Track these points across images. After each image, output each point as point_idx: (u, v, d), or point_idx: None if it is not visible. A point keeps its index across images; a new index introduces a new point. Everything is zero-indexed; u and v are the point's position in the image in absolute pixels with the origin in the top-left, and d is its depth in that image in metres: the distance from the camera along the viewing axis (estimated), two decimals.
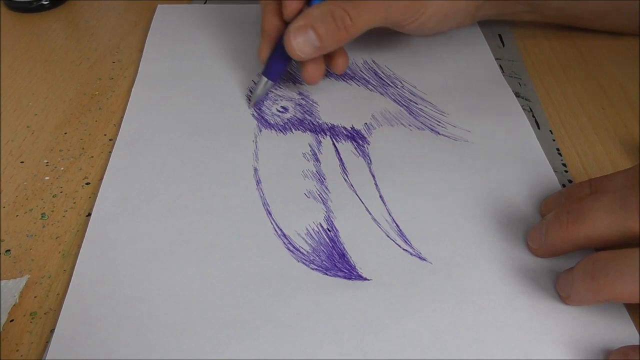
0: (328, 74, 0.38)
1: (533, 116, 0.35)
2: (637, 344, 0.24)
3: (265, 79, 0.35)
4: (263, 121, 0.35)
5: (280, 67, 0.34)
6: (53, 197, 0.30)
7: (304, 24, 0.31)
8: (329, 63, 0.35)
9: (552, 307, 0.25)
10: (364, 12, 0.32)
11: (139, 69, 0.39)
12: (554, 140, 0.34)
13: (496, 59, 0.40)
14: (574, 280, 0.24)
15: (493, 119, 0.35)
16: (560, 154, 0.33)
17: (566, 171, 0.32)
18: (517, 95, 0.37)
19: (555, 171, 0.31)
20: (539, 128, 0.34)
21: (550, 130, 0.34)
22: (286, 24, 0.33)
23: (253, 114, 0.35)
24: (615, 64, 0.40)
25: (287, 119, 0.35)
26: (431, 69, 0.39)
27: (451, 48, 0.41)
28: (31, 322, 0.25)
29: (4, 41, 0.43)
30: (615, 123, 0.35)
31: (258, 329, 0.24)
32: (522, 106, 0.36)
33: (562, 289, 0.25)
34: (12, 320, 0.25)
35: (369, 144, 0.33)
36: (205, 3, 0.47)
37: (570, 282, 0.24)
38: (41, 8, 0.46)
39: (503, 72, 0.39)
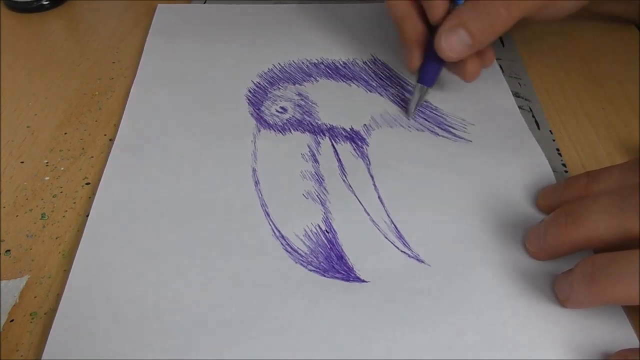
0: (327, 74, 0.38)
1: (533, 116, 0.35)
2: (636, 347, 0.23)
3: (421, 86, 0.34)
4: (262, 121, 0.35)
5: (435, 71, 0.34)
6: (53, 197, 0.30)
7: (455, 22, 0.30)
8: (479, 59, 0.34)
9: (550, 309, 0.25)
10: (517, 1, 0.30)
11: (138, 68, 0.39)
12: (553, 140, 0.34)
13: (496, 59, 0.40)
14: (572, 283, 0.24)
15: (492, 120, 0.35)
16: (560, 154, 0.33)
17: (566, 171, 0.32)
18: (517, 95, 0.37)
19: (555, 171, 0.31)
20: (538, 128, 0.34)
21: (550, 131, 0.34)
22: (430, 27, 0.33)
23: (252, 114, 0.35)
24: (616, 64, 0.39)
25: (286, 120, 0.35)
26: None
27: None
28: (31, 322, 0.25)
29: (4, 41, 0.43)
30: (615, 123, 0.35)
31: (256, 329, 0.24)
32: (522, 106, 0.36)
33: (560, 291, 0.25)
34: (12, 320, 0.25)
35: (368, 145, 0.33)
36: (204, 3, 0.47)
37: (568, 284, 0.24)
38: (41, 8, 0.46)
39: (503, 72, 0.39)
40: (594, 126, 0.35)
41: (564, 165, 0.32)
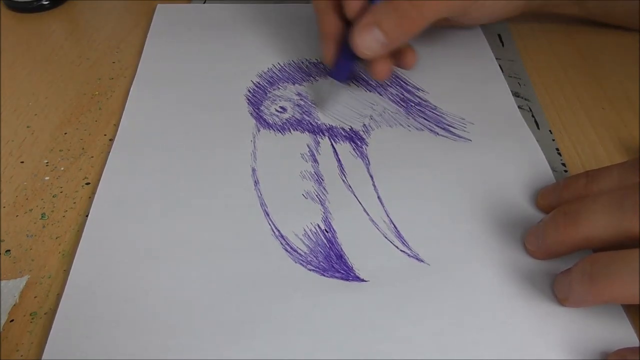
0: (326, 74, 0.38)
1: (532, 116, 0.35)
2: (635, 345, 0.23)
3: (332, 80, 0.34)
4: (261, 121, 0.35)
5: (347, 67, 0.34)
6: (53, 197, 0.30)
7: (369, 21, 0.30)
8: (397, 60, 0.34)
9: (550, 308, 0.25)
10: (430, 2, 0.30)
11: (138, 68, 0.39)
12: (553, 140, 0.34)
13: (496, 59, 0.40)
14: (572, 282, 0.24)
15: (492, 119, 0.35)
16: (559, 154, 0.33)
17: (565, 171, 0.32)
18: (517, 95, 0.37)
19: (554, 171, 0.31)
20: (538, 128, 0.34)
21: (550, 130, 0.34)
22: (347, 23, 0.33)
23: (252, 114, 0.35)
24: (616, 63, 0.39)
25: (286, 119, 0.35)
26: (431, 69, 0.39)
27: (451, 48, 0.41)
28: (31, 322, 0.25)
29: (4, 41, 0.43)
30: (615, 123, 0.35)
31: (255, 329, 0.24)
32: (521, 106, 0.36)
33: (559, 290, 0.25)
34: (12, 320, 0.25)
35: (367, 145, 0.33)
36: (204, 2, 0.47)
37: (568, 283, 0.24)
38: (41, 8, 0.46)
39: (503, 72, 0.39)
40: (594, 126, 0.35)
41: (563, 165, 0.32)
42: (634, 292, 0.21)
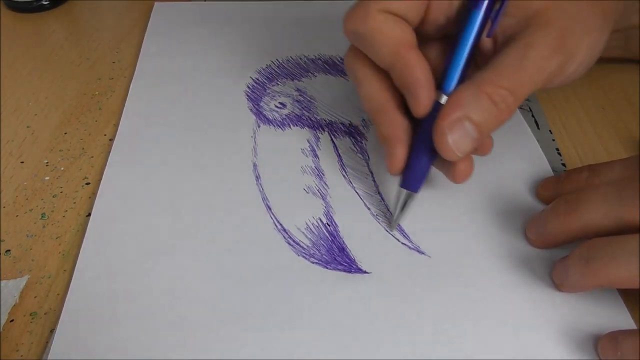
0: (326, 70, 0.39)
1: (532, 116, 0.35)
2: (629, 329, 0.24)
3: (406, 192, 0.27)
4: (261, 117, 0.35)
5: (422, 173, 0.27)
6: (53, 197, 0.30)
7: (458, 116, 0.24)
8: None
9: (549, 297, 0.25)
10: (525, 84, 0.25)
11: (137, 66, 0.39)
12: (553, 140, 0.34)
13: None
14: (569, 266, 0.24)
15: None
16: (559, 153, 0.33)
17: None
18: None
19: (554, 171, 0.31)
20: (538, 128, 0.35)
21: (550, 130, 0.34)
22: (413, 120, 0.27)
23: (251, 110, 0.35)
24: (616, 63, 0.39)
25: (286, 115, 0.35)
26: None
27: None
28: (31, 322, 0.25)
29: (4, 41, 0.43)
30: (615, 123, 0.35)
31: (259, 322, 0.24)
32: (521, 106, 0.36)
33: (557, 276, 0.25)
34: (12, 320, 0.25)
35: (366, 140, 0.33)
36: (203, 0, 0.47)
37: (565, 268, 0.24)
38: (41, 8, 0.46)
39: None
40: (594, 126, 0.35)
41: (563, 165, 0.32)
42: (629, 275, 0.22)
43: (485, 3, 0.25)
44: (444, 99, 0.26)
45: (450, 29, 0.27)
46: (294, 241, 0.28)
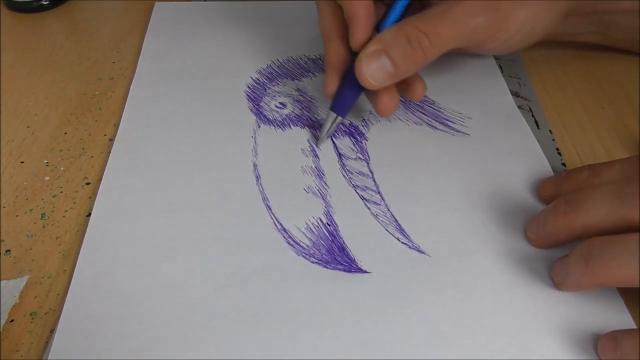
0: (323, 70, 0.39)
1: (532, 116, 0.35)
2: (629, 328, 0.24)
3: (334, 114, 0.32)
4: (262, 117, 0.35)
5: (350, 100, 0.31)
6: (53, 197, 0.30)
7: (377, 49, 0.28)
8: (405, 90, 0.32)
9: (549, 297, 0.25)
10: (442, 32, 0.28)
11: (137, 66, 0.39)
12: (553, 140, 0.34)
13: (496, 58, 0.40)
14: (569, 265, 0.24)
15: (491, 115, 0.35)
16: (559, 153, 0.33)
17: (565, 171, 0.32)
18: (517, 95, 0.37)
19: (554, 171, 0.31)
20: (538, 128, 0.35)
21: (550, 130, 0.34)
22: (353, 53, 0.31)
23: (252, 110, 0.35)
24: (615, 63, 0.39)
25: (286, 115, 0.35)
26: (430, 66, 0.39)
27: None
28: (31, 322, 0.25)
29: (4, 41, 0.43)
30: (615, 123, 0.35)
31: (259, 322, 0.24)
32: (521, 106, 0.36)
33: (556, 275, 0.25)
34: (12, 320, 0.25)
35: (367, 140, 0.33)
36: (204, 0, 0.47)
37: (565, 267, 0.24)
38: (41, 8, 0.46)
39: (502, 72, 0.39)
40: (594, 126, 0.35)
41: (563, 164, 0.32)
42: (630, 274, 0.22)
43: None
44: None
45: None
46: (294, 241, 0.28)
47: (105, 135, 0.34)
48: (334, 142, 0.33)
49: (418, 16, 0.29)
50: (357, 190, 0.30)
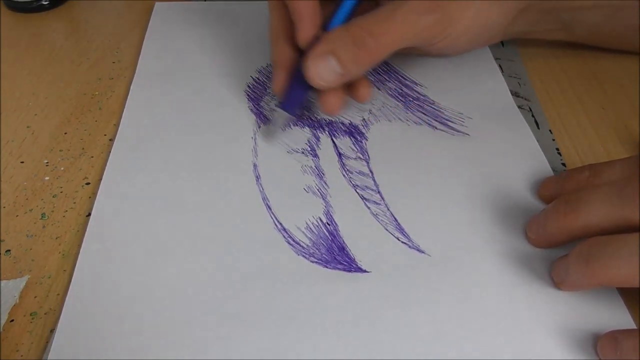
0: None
1: (532, 116, 0.35)
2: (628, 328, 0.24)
3: (283, 112, 0.32)
4: (262, 117, 0.35)
5: (298, 99, 0.32)
6: (53, 197, 0.30)
7: (324, 49, 0.29)
8: (351, 92, 0.33)
9: (549, 297, 0.25)
10: (388, 32, 0.29)
11: (137, 66, 0.39)
12: (553, 140, 0.34)
13: (495, 58, 0.40)
14: (569, 265, 0.24)
15: (491, 115, 0.35)
16: (559, 153, 0.33)
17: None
18: (517, 95, 0.37)
19: (554, 171, 0.31)
20: (538, 128, 0.35)
21: (550, 130, 0.34)
22: (300, 52, 0.31)
23: (252, 110, 0.35)
24: (616, 63, 0.39)
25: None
26: (429, 66, 0.39)
27: None
28: (31, 322, 0.25)
29: (4, 41, 0.43)
30: (615, 123, 0.35)
31: (259, 322, 0.24)
32: (521, 106, 0.36)
33: (556, 274, 0.25)
34: (12, 320, 0.25)
35: (367, 140, 0.33)
36: (204, 0, 0.47)
37: (565, 267, 0.24)
38: (41, 8, 0.46)
39: (502, 71, 0.39)
40: (594, 126, 0.35)
41: (563, 165, 0.32)
42: (630, 274, 0.21)
43: None
44: None
45: None
46: (294, 240, 0.28)
47: (105, 135, 0.35)
48: (334, 142, 0.33)
49: (365, 16, 0.29)
50: (357, 190, 0.30)
